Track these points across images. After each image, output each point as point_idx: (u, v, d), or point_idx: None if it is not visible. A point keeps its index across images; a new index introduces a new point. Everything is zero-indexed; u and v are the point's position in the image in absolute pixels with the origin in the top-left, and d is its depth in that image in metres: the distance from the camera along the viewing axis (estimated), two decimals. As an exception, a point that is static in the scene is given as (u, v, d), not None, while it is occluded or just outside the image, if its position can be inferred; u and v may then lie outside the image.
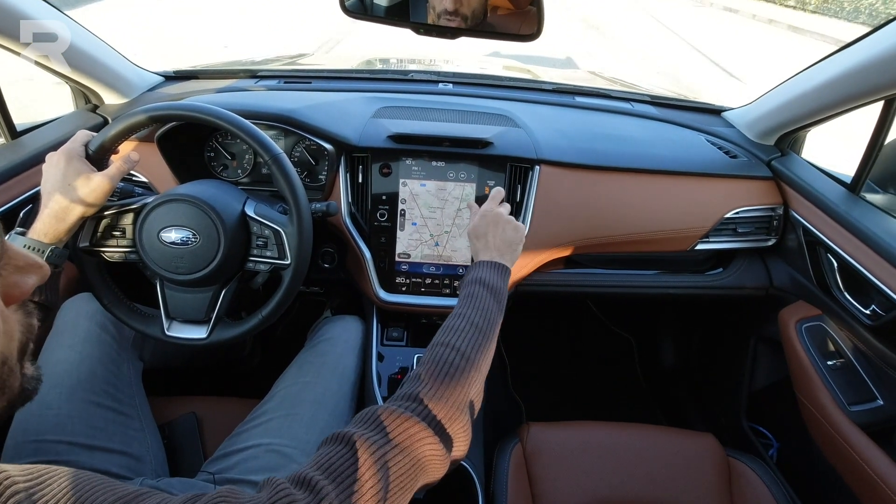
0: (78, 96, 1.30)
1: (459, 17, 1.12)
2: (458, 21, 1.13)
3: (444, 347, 0.67)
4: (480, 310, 0.74)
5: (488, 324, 0.73)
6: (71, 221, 0.76)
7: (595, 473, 0.98)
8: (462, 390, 0.63)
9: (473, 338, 0.69)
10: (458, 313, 0.74)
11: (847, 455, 0.97)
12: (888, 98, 0.93)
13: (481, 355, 0.68)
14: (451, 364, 0.64)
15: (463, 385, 0.63)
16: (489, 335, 0.72)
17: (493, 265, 0.84)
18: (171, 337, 0.87)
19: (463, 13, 1.12)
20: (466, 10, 1.12)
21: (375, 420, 0.56)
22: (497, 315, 0.76)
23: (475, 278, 0.81)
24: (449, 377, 0.62)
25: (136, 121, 0.81)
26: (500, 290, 0.80)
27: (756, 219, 1.17)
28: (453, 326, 0.71)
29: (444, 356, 0.65)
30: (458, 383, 0.62)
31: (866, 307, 0.96)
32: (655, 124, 1.34)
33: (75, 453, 0.80)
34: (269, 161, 0.83)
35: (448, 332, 0.70)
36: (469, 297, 0.77)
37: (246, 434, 0.89)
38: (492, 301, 0.77)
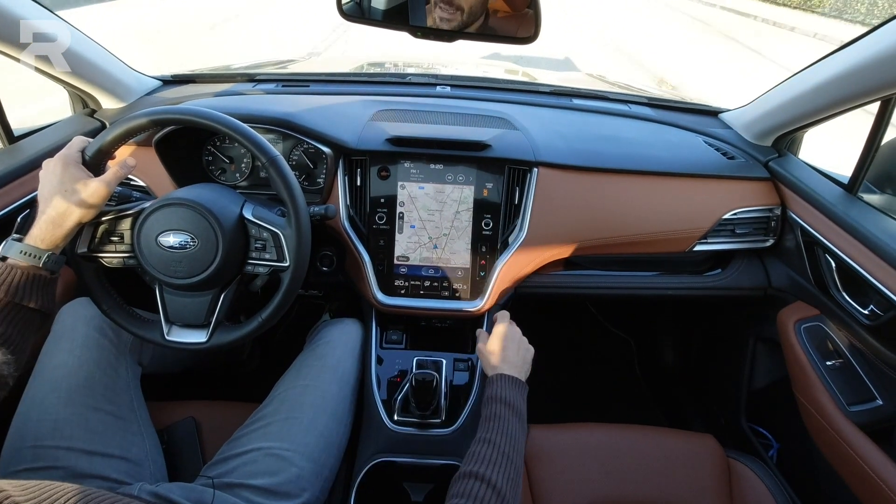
0: (75, 101, 1.30)
1: (455, 8, 1.12)
2: (455, 13, 1.12)
3: (478, 482, 0.65)
4: (508, 436, 0.73)
5: (516, 452, 0.72)
6: (68, 227, 0.75)
7: (595, 475, 0.98)
8: None
9: (505, 469, 0.68)
10: (485, 439, 0.72)
11: (847, 455, 0.97)
12: (885, 98, 0.94)
13: (514, 490, 0.67)
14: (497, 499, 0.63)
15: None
16: (518, 465, 0.71)
17: (514, 382, 0.85)
18: (170, 342, 0.87)
19: (459, 4, 1.11)
20: (463, 3, 1.12)
21: None
22: (523, 440, 0.76)
23: (499, 396, 0.80)
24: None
25: (135, 125, 0.81)
26: (523, 412, 0.81)
27: (754, 220, 1.18)
28: (483, 456, 0.69)
29: (479, 493, 0.63)
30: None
31: (865, 307, 0.96)
32: (653, 126, 1.34)
33: (73, 459, 0.80)
34: (266, 163, 0.83)
35: (479, 463, 0.68)
36: (495, 419, 0.76)
37: (245, 438, 0.89)
38: (517, 424, 0.77)
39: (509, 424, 0.76)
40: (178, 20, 7.76)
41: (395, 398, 1.02)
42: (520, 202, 1.10)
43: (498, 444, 0.71)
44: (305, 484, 0.85)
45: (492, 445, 0.71)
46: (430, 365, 1.07)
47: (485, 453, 0.69)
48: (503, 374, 0.86)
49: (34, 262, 0.72)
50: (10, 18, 0.96)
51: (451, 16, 1.12)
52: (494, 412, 0.77)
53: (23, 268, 0.71)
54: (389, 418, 1.01)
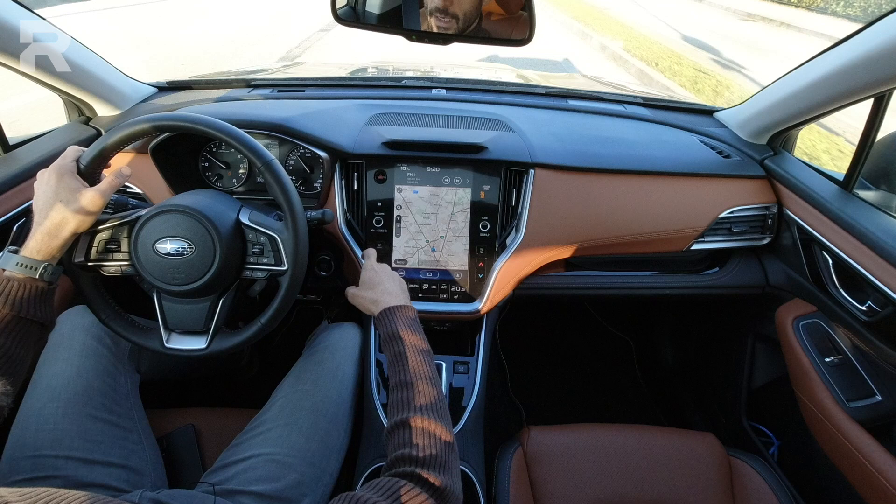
0: (71, 109, 1.29)
1: (451, 17, 1.12)
2: (450, 21, 1.12)
3: (410, 428, 0.69)
4: (416, 371, 0.77)
5: (427, 375, 0.77)
6: (64, 238, 0.75)
7: (596, 475, 0.98)
8: (448, 464, 0.65)
9: (426, 401, 0.73)
10: (399, 382, 0.76)
11: (847, 451, 0.97)
12: (878, 95, 0.94)
13: (440, 412, 0.72)
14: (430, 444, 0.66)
15: (445, 460, 0.65)
16: (434, 378, 0.78)
17: (401, 311, 0.88)
18: (170, 349, 0.87)
19: (454, 12, 1.12)
20: (458, 10, 1.12)
21: (387, 488, 0.57)
22: (428, 357, 0.81)
23: (393, 333, 0.84)
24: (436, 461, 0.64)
25: (135, 130, 0.81)
26: (420, 334, 0.85)
27: (750, 218, 1.18)
28: (405, 399, 0.73)
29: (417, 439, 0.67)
30: (442, 462, 0.64)
31: (862, 303, 0.96)
32: (648, 126, 1.35)
33: (73, 468, 0.80)
34: (261, 167, 0.83)
35: (404, 409, 0.72)
36: (399, 360, 0.80)
37: (245, 444, 0.88)
38: (421, 356, 0.81)
39: (415, 357, 0.80)
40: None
41: None
42: (517, 204, 1.10)
43: (413, 382, 0.75)
44: (306, 489, 0.84)
45: (410, 387, 0.75)
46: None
47: (408, 396, 0.74)
48: (388, 308, 0.89)
49: (31, 273, 0.72)
50: (4, 27, 0.96)
51: (447, 24, 1.13)
52: (396, 351, 0.81)
53: (20, 280, 0.71)
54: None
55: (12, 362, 0.69)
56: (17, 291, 0.70)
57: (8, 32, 0.97)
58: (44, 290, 0.73)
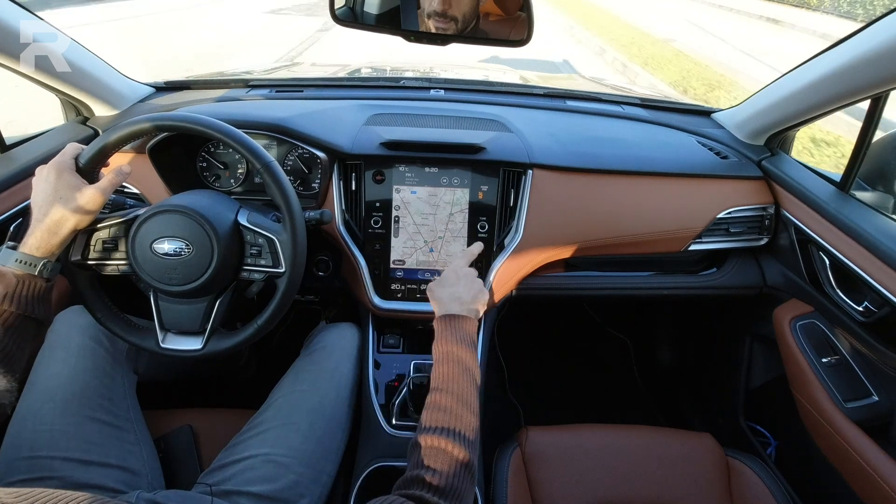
0: (68, 108, 1.29)
1: (449, 19, 1.12)
2: (449, 23, 1.13)
3: (438, 452, 0.66)
4: (457, 396, 0.73)
5: (468, 403, 0.73)
6: (63, 235, 0.75)
7: (594, 476, 0.98)
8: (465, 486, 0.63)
9: (457, 432, 0.69)
10: (435, 404, 0.73)
11: (844, 451, 0.97)
12: (874, 96, 0.95)
13: (471, 444, 0.69)
14: (452, 474, 0.63)
15: (462, 492, 0.63)
16: (474, 407, 0.73)
17: (461, 324, 0.83)
18: (165, 349, 0.87)
19: (453, 15, 1.12)
20: (457, 13, 1.12)
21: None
22: (475, 379, 0.77)
23: (446, 354, 0.79)
24: (452, 489, 0.62)
25: (137, 129, 0.81)
26: (473, 356, 0.80)
27: (748, 218, 1.18)
28: (436, 421, 0.70)
29: (440, 468, 0.64)
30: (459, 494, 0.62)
31: (859, 304, 0.97)
32: (646, 126, 1.35)
33: (70, 469, 0.79)
34: (260, 169, 0.83)
35: (434, 433, 0.69)
36: (444, 379, 0.76)
37: (242, 445, 0.88)
38: (467, 377, 0.77)
39: (460, 381, 0.75)
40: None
41: (393, 402, 1.02)
42: (515, 204, 1.10)
43: (453, 407, 0.71)
44: (304, 490, 0.84)
45: (448, 411, 0.71)
46: (427, 368, 1.06)
47: (443, 418, 0.70)
48: (451, 315, 0.84)
49: (30, 270, 0.72)
50: (4, 28, 0.96)
51: (445, 25, 1.13)
52: (445, 372, 0.77)
53: (19, 276, 0.71)
54: (387, 423, 1.00)
55: (11, 360, 0.69)
56: (17, 288, 0.70)
57: (8, 33, 0.96)
58: (42, 287, 0.73)
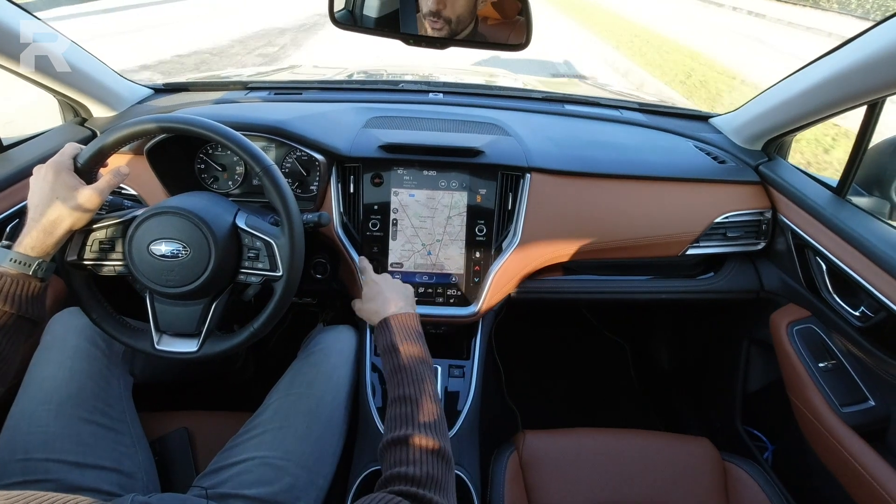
0: (66, 110, 1.29)
1: (443, 21, 1.13)
2: (442, 24, 1.13)
3: (408, 446, 0.67)
4: (414, 381, 0.77)
5: (425, 387, 0.76)
6: (59, 235, 0.75)
7: (592, 480, 0.98)
8: (443, 483, 0.63)
9: (425, 415, 0.71)
10: (397, 397, 0.75)
11: (841, 456, 0.97)
12: (871, 103, 0.95)
13: (439, 427, 0.71)
14: (428, 464, 0.64)
15: (442, 479, 0.63)
16: (431, 391, 0.76)
17: (397, 320, 0.87)
18: (160, 351, 0.86)
19: (447, 16, 1.12)
20: (451, 14, 1.12)
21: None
22: (426, 364, 0.80)
23: (389, 346, 0.83)
24: (430, 479, 0.62)
25: (132, 131, 0.80)
26: (418, 341, 0.84)
27: (745, 223, 1.19)
28: (401, 415, 0.72)
29: (414, 457, 0.65)
30: (438, 481, 0.63)
31: (855, 309, 0.97)
32: (644, 131, 1.35)
33: (64, 471, 0.79)
34: (259, 172, 0.83)
35: (401, 424, 0.70)
36: (397, 373, 0.79)
37: (239, 447, 0.88)
38: (416, 362, 0.80)
39: (414, 371, 0.78)
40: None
41: None
42: (513, 208, 1.10)
43: (410, 396, 0.74)
44: (300, 493, 0.84)
45: (409, 402, 0.73)
46: None
47: (406, 412, 0.72)
48: (385, 319, 0.88)
49: (25, 269, 0.71)
50: (3, 29, 0.95)
51: (440, 26, 1.13)
52: (394, 365, 0.80)
53: (13, 276, 0.71)
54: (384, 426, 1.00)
55: (4, 360, 0.68)
56: (12, 288, 0.70)
57: (7, 34, 0.96)
58: (37, 286, 0.73)
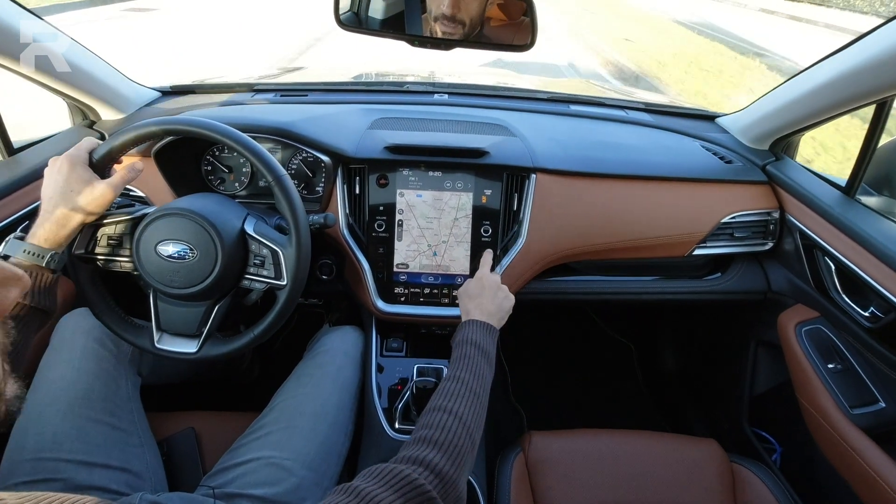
0: (75, 113, 1.30)
1: (457, 23, 1.13)
2: (456, 27, 1.13)
3: (446, 414, 0.68)
4: (476, 374, 0.76)
5: (483, 389, 0.76)
6: (71, 227, 0.76)
7: (598, 481, 0.97)
8: (461, 459, 0.64)
9: (471, 404, 0.71)
10: (454, 376, 0.76)
11: (850, 459, 0.96)
12: (880, 101, 0.94)
13: (478, 422, 0.71)
14: (453, 432, 0.65)
15: (462, 454, 0.64)
16: (484, 400, 0.75)
17: (485, 327, 0.87)
18: (160, 349, 0.87)
19: (461, 19, 1.13)
20: (465, 17, 1.13)
21: (386, 477, 0.56)
22: (490, 377, 0.79)
23: (469, 339, 0.83)
24: (452, 447, 0.64)
25: (148, 131, 0.81)
26: (492, 354, 0.83)
27: (752, 223, 1.18)
28: (452, 391, 0.72)
29: (446, 423, 0.66)
30: (459, 452, 0.64)
31: (865, 310, 0.96)
32: (650, 131, 1.35)
33: (73, 471, 0.79)
34: (272, 182, 0.83)
35: (447, 397, 0.71)
36: (464, 359, 0.79)
37: (245, 448, 0.88)
38: (485, 365, 0.80)
39: (477, 365, 0.78)
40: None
41: (396, 406, 1.02)
42: (518, 208, 1.10)
43: (466, 381, 0.74)
44: (305, 493, 0.84)
45: (460, 382, 0.74)
46: (430, 372, 1.06)
47: (453, 389, 0.73)
48: (474, 320, 0.88)
49: (38, 261, 0.72)
50: (8, 31, 0.96)
51: (452, 29, 1.13)
52: (464, 353, 0.80)
53: (26, 267, 0.71)
54: (390, 426, 1.00)
55: (18, 353, 0.69)
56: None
57: (7, 33, 0.97)
58: (49, 278, 0.74)
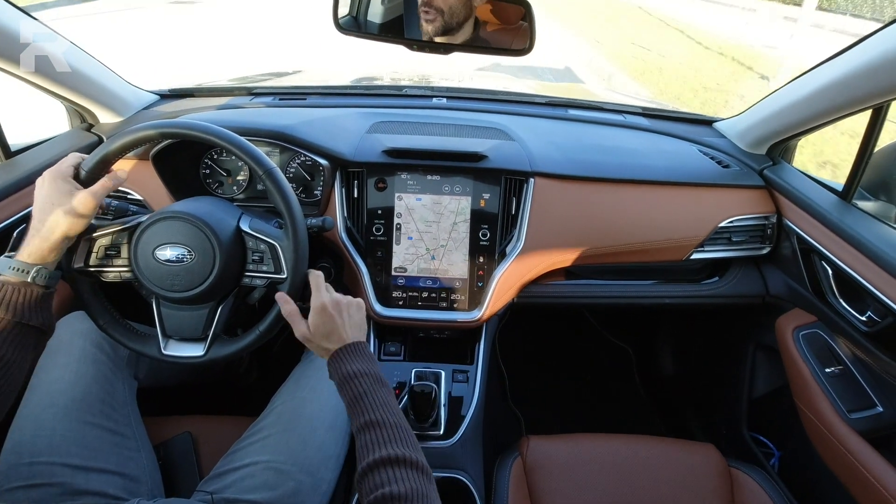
0: (73, 115, 1.30)
1: (435, 11, 1.13)
2: (435, 14, 1.13)
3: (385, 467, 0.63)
4: (380, 405, 0.71)
5: (393, 412, 0.71)
6: (54, 240, 0.74)
7: (596, 486, 0.97)
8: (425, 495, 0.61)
9: (398, 437, 0.67)
10: (365, 424, 0.69)
11: (848, 463, 0.96)
12: (876, 107, 0.95)
13: (412, 443, 0.68)
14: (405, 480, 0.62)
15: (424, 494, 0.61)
16: (401, 420, 0.71)
17: (353, 350, 0.78)
18: (167, 356, 0.87)
19: (438, 6, 1.12)
20: (442, 4, 1.12)
21: None
22: (388, 392, 0.74)
23: (348, 374, 0.74)
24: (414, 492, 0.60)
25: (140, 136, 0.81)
26: (375, 369, 0.77)
27: (750, 227, 1.18)
28: (374, 441, 0.67)
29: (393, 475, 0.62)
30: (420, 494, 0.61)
31: (862, 314, 0.96)
32: (647, 135, 1.35)
33: (70, 475, 0.79)
34: (262, 175, 0.83)
35: (373, 448, 0.66)
36: (359, 400, 0.72)
37: (242, 452, 0.88)
38: (379, 387, 0.74)
39: (374, 395, 0.72)
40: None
41: None
42: (517, 212, 1.10)
43: (379, 420, 0.69)
44: (304, 498, 0.84)
45: (376, 427, 0.68)
46: (428, 376, 1.06)
47: (375, 438, 0.67)
48: (339, 350, 0.78)
49: (23, 276, 0.71)
50: (6, 33, 0.96)
51: (432, 17, 1.13)
52: (354, 393, 0.72)
53: (13, 283, 0.71)
54: None
55: (10, 368, 0.68)
56: (12, 296, 0.70)
57: (7, 35, 0.97)
58: (39, 294, 0.72)
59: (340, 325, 0.80)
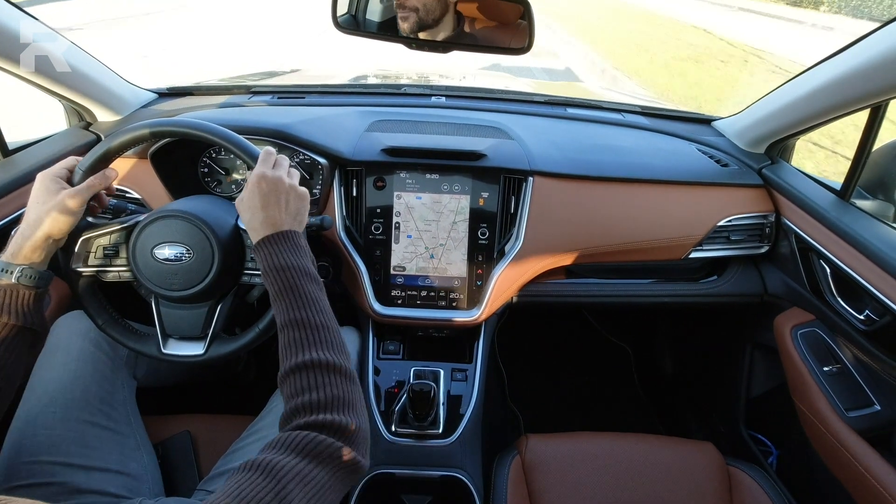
0: (71, 114, 1.30)
1: (409, 10, 1.13)
2: (409, 14, 1.13)
3: (308, 370, 0.63)
4: (308, 303, 0.68)
5: (322, 311, 0.69)
6: (36, 238, 0.73)
7: (595, 485, 0.97)
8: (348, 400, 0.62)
9: (325, 341, 0.66)
10: (289, 322, 0.67)
11: (846, 461, 0.97)
12: (874, 105, 0.95)
13: (344, 353, 0.66)
14: (328, 385, 0.62)
15: (345, 399, 0.61)
16: (331, 321, 0.69)
17: (284, 237, 0.73)
18: (167, 355, 0.87)
19: (412, 5, 1.12)
20: (416, 2, 1.12)
21: (288, 444, 0.55)
22: (321, 290, 0.72)
23: (276, 265, 0.70)
24: (335, 399, 0.61)
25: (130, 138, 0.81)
26: (307, 266, 0.73)
27: (748, 226, 1.18)
28: (297, 340, 0.66)
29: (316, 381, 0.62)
30: (343, 400, 0.61)
31: (860, 312, 0.96)
32: (646, 134, 1.35)
33: (71, 474, 0.79)
34: (253, 164, 0.83)
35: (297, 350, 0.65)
36: (285, 294, 0.69)
37: (241, 451, 0.88)
38: (309, 283, 0.71)
39: (302, 290, 0.69)
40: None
41: (393, 409, 1.02)
42: (515, 211, 1.10)
43: (305, 319, 0.66)
44: None
45: (301, 326, 0.66)
46: (427, 375, 1.06)
47: (298, 337, 0.65)
48: (267, 237, 0.73)
49: (7, 277, 0.70)
50: (6, 33, 0.96)
51: (406, 15, 1.14)
52: (281, 286, 0.69)
53: (1, 286, 0.70)
54: (387, 429, 1.00)
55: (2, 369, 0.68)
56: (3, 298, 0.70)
57: (7, 35, 0.97)
58: (26, 294, 0.71)
59: (274, 205, 0.75)
